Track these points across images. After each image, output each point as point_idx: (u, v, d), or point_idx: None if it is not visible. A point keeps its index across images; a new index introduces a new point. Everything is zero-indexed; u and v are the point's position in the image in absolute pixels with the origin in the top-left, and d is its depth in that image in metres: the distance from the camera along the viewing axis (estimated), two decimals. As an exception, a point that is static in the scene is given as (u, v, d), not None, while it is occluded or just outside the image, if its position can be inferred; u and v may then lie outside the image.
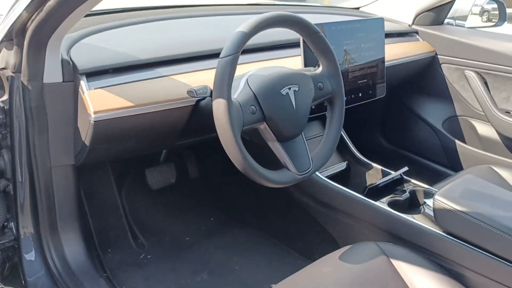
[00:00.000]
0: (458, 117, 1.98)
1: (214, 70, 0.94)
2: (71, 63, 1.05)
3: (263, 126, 1.01)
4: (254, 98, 0.98)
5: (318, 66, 1.14)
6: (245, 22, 0.96)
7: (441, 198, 1.14)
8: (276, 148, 1.04)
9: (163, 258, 1.54)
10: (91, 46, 1.13)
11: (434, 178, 1.75)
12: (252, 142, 1.09)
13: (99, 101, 1.03)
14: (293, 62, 1.35)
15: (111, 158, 1.42)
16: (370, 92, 1.55)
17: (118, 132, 1.11)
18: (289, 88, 1.02)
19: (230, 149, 0.93)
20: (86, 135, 1.07)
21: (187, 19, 1.46)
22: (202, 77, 1.18)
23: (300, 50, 1.32)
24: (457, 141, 1.97)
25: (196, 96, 1.02)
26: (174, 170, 1.64)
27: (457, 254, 1.14)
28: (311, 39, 1.08)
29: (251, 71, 1.05)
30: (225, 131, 0.91)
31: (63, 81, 1.06)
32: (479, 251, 1.10)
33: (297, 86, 1.04)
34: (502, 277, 1.07)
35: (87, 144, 1.08)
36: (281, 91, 1.01)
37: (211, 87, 0.98)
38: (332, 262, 1.10)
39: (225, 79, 0.91)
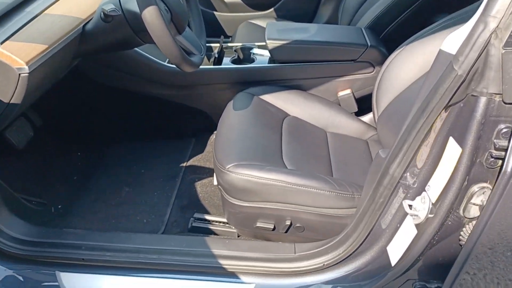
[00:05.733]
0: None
1: None
2: None
3: (171, 25, 1.22)
4: (161, 1, 1.16)
5: None
6: None
7: (271, 41, 1.63)
8: (181, 40, 1.27)
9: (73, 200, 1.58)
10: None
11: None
12: None
13: (18, 52, 0.99)
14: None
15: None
16: None
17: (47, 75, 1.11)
18: None
19: (168, 46, 1.12)
20: (12, 94, 1.02)
21: None
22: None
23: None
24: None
25: (117, 13, 1.12)
26: (26, 122, 1.53)
27: (286, 73, 1.67)
28: None
29: None
30: (162, 32, 1.10)
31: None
32: (301, 64, 1.66)
33: None
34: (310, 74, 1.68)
35: (17, 102, 1.03)
36: None
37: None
38: (232, 114, 1.48)
39: None
